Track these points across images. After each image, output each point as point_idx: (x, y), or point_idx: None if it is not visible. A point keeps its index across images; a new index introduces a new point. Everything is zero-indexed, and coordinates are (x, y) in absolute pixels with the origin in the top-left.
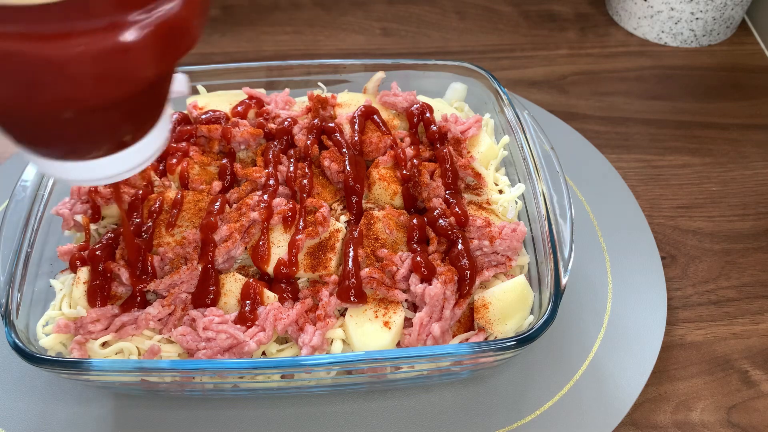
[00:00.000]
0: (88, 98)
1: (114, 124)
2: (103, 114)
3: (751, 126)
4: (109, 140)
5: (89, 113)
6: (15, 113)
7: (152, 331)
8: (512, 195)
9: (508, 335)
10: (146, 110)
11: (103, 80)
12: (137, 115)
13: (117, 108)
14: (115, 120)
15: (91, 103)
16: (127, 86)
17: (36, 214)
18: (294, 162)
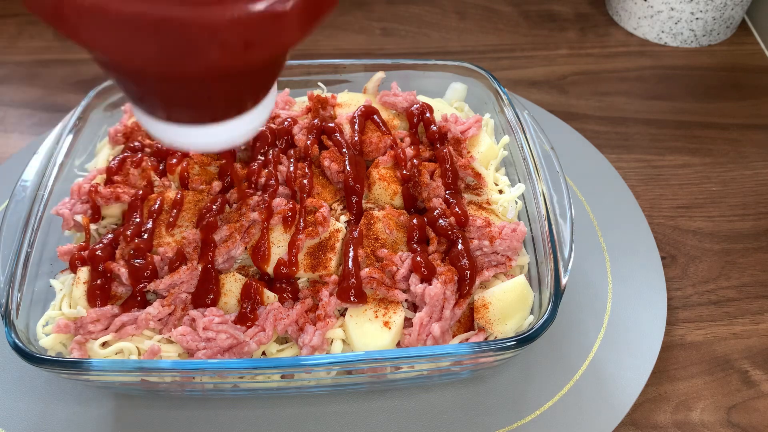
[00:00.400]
0: (235, 63)
1: (246, 88)
2: (240, 78)
3: (751, 126)
4: (237, 104)
5: (230, 77)
6: (162, 77)
7: (152, 331)
8: (512, 195)
9: (508, 335)
10: (273, 75)
11: (252, 46)
12: (267, 79)
13: (255, 72)
14: (248, 84)
15: (238, 67)
16: (273, 51)
17: (36, 214)
18: (294, 162)
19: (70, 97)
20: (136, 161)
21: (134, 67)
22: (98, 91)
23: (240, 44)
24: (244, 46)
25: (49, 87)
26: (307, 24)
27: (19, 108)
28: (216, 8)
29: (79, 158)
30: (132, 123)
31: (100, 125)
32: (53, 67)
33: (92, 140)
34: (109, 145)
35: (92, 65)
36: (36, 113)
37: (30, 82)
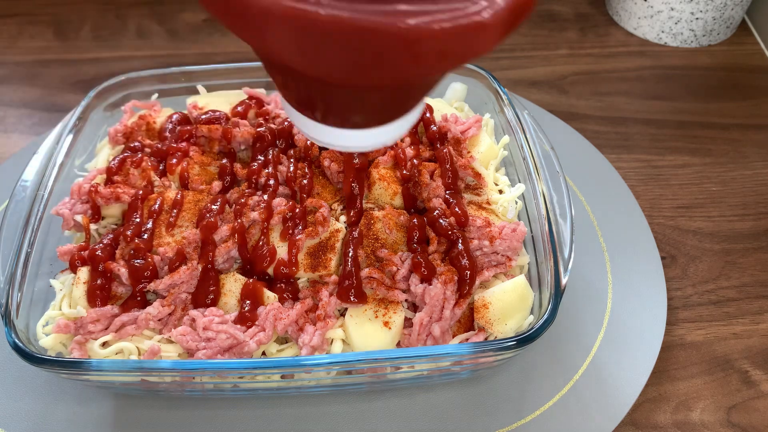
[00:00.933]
0: (424, 73)
1: (419, 92)
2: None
3: (751, 126)
4: (401, 108)
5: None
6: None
7: (152, 331)
8: (512, 195)
9: (508, 335)
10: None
11: (445, 56)
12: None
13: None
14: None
15: (422, 76)
16: (464, 61)
17: (36, 214)
18: (294, 162)
19: (70, 97)
20: (136, 161)
21: (317, 75)
22: (98, 91)
23: (434, 55)
24: (437, 57)
25: (49, 87)
26: (504, 33)
27: (19, 108)
28: (418, 20)
29: (79, 158)
30: (132, 123)
31: (100, 125)
32: (53, 67)
33: (92, 140)
34: (109, 145)
35: (92, 65)
36: (36, 113)
37: (30, 82)
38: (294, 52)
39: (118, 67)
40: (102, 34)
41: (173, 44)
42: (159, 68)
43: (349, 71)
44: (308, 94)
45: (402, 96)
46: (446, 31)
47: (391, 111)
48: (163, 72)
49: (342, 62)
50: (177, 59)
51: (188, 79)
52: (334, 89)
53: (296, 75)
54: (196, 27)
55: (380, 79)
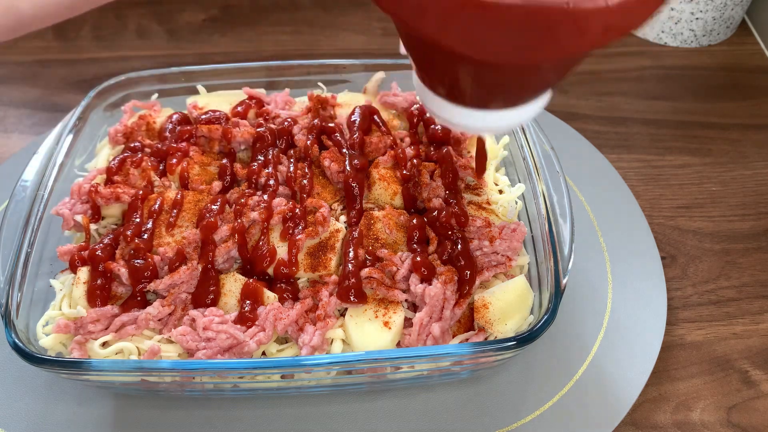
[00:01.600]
0: (589, 48)
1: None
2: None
3: (751, 126)
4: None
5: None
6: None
7: (152, 331)
8: (512, 195)
9: (508, 335)
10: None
11: (610, 30)
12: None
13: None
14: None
15: (585, 51)
16: (626, 33)
17: (36, 214)
18: (294, 162)
19: (70, 97)
20: (136, 161)
21: (485, 58)
22: (98, 91)
23: (600, 29)
24: (603, 30)
25: (49, 87)
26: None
27: (19, 108)
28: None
29: (79, 158)
30: (132, 123)
31: (100, 125)
32: (53, 67)
33: (92, 140)
34: (109, 145)
35: (92, 65)
36: (36, 113)
37: (30, 82)
38: (464, 38)
39: (118, 67)
40: (102, 34)
41: (173, 44)
42: (159, 68)
43: (517, 52)
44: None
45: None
46: (613, 7)
47: (539, 88)
48: (163, 72)
49: (511, 44)
50: (177, 59)
51: (188, 79)
52: (492, 70)
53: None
54: (196, 27)
55: (546, 56)
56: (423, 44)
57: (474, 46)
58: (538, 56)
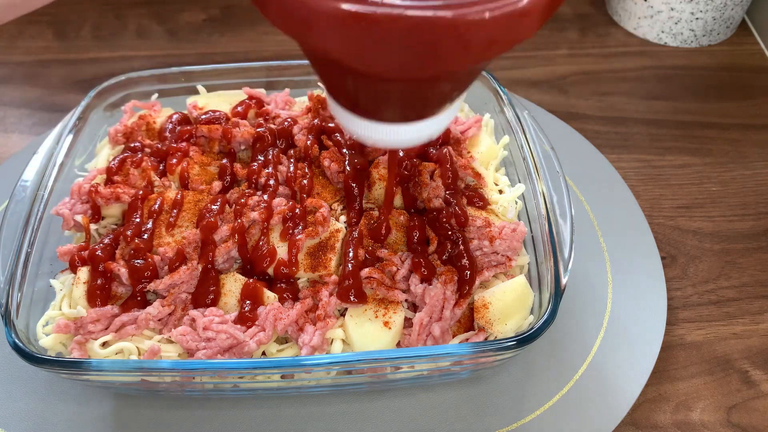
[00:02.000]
0: (474, 62)
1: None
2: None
3: (751, 126)
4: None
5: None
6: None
7: (152, 331)
8: (512, 195)
9: (508, 335)
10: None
11: (494, 44)
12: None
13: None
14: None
15: (470, 65)
16: (510, 47)
17: (36, 214)
18: (294, 162)
19: (70, 97)
20: (136, 161)
21: (373, 71)
22: (98, 91)
23: (482, 43)
24: (486, 44)
25: (49, 87)
26: (543, 17)
27: (19, 108)
28: (468, 10)
29: (79, 158)
30: (132, 123)
31: (100, 125)
32: (53, 67)
33: (92, 140)
34: (109, 145)
35: (92, 65)
36: (36, 113)
37: (30, 82)
38: (350, 51)
39: (118, 67)
40: (102, 34)
41: (173, 44)
42: (159, 68)
43: (403, 65)
44: (360, 91)
45: (450, 86)
46: (494, 20)
47: (439, 102)
48: (163, 72)
49: (397, 57)
50: (177, 59)
51: (188, 79)
52: (387, 84)
53: (350, 73)
54: (196, 27)
55: (433, 70)
56: (317, 57)
57: (359, 59)
58: (426, 70)
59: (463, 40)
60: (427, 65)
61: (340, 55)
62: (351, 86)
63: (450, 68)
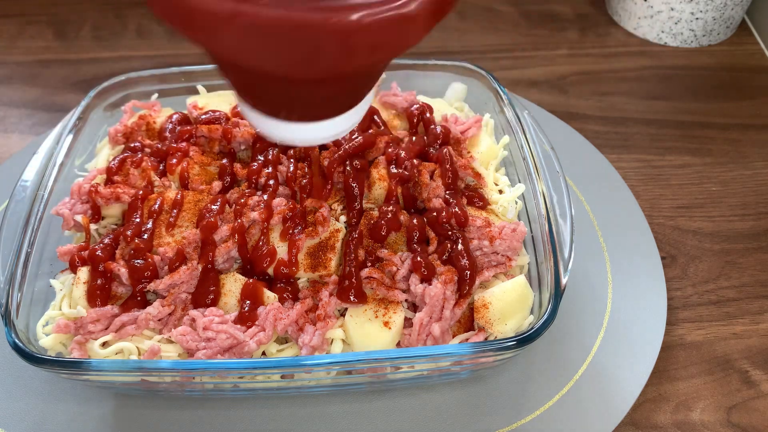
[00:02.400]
0: (360, 65)
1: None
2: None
3: (751, 126)
4: (343, 103)
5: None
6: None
7: (152, 331)
8: (512, 195)
9: (508, 335)
10: (378, 76)
11: (378, 48)
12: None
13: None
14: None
15: (357, 68)
16: (396, 52)
17: (36, 214)
18: (294, 162)
19: (70, 97)
20: (136, 161)
21: (261, 70)
22: (98, 91)
23: (367, 48)
24: (370, 49)
25: (49, 87)
26: (429, 24)
27: (19, 108)
28: (348, 14)
29: (79, 158)
30: (132, 123)
31: (100, 125)
32: (53, 67)
33: (92, 140)
34: (109, 145)
35: (92, 65)
36: (36, 113)
37: (30, 82)
38: (239, 49)
39: (118, 67)
40: (102, 34)
41: (173, 44)
42: (159, 68)
43: (290, 65)
44: (261, 90)
45: (351, 86)
46: (375, 24)
47: (344, 102)
48: (163, 72)
49: (283, 57)
50: (177, 59)
51: (188, 79)
52: (283, 83)
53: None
54: None
55: (322, 71)
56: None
57: (242, 56)
58: (315, 71)
59: (346, 44)
60: (314, 66)
61: (221, 52)
62: (247, 82)
63: (339, 70)
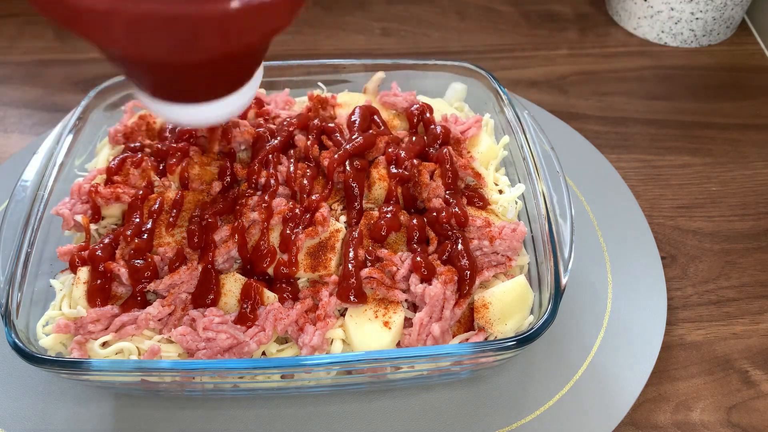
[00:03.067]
0: (234, 48)
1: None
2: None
3: (751, 126)
4: (230, 83)
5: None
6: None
7: (152, 331)
8: (512, 195)
9: (508, 335)
10: (258, 59)
11: (248, 32)
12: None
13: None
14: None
15: (235, 51)
16: (266, 35)
17: (36, 214)
18: (294, 162)
19: (70, 97)
20: (136, 161)
21: (144, 59)
22: (98, 91)
23: (239, 31)
24: (242, 32)
25: (49, 87)
26: (293, 8)
27: (19, 108)
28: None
29: (79, 158)
30: (132, 123)
31: (100, 125)
32: (53, 67)
33: (92, 140)
34: (109, 145)
35: (92, 65)
36: (36, 113)
37: (30, 82)
38: (121, 41)
39: None
40: None
41: None
42: None
43: (170, 52)
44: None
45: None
46: (244, 10)
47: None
48: None
49: (163, 45)
50: None
51: None
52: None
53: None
54: None
55: (202, 54)
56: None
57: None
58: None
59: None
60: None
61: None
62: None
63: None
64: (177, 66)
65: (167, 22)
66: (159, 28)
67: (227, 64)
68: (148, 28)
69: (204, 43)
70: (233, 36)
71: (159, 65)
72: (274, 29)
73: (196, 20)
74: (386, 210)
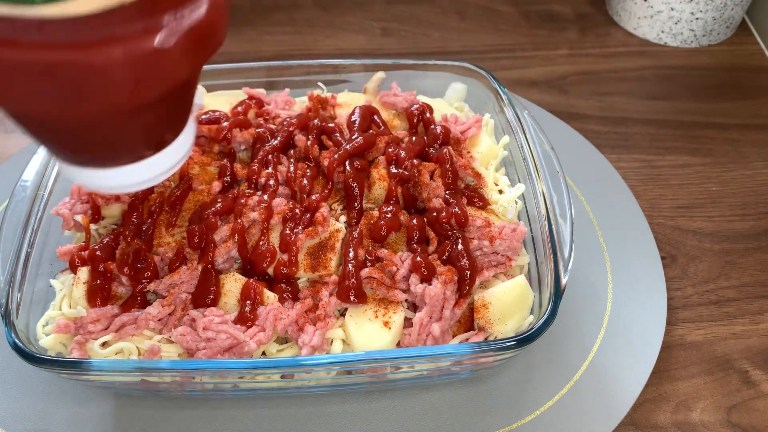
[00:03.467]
0: (127, 101)
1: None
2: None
3: (751, 126)
4: (141, 145)
5: (126, 117)
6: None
7: (152, 331)
8: (512, 195)
9: (508, 335)
10: (176, 114)
11: (142, 82)
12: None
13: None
14: (148, 124)
15: (129, 105)
16: (164, 86)
17: (36, 214)
18: (294, 162)
19: None
20: None
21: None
22: None
23: (130, 82)
24: (134, 83)
25: None
26: (193, 60)
27: None
28: (101, 50)
29: None
30: None
31: None
32: None
33: None
34: None
35: None
36: None
37: None
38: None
39: None
40: None
41: None
42: None
43: (58, 106)
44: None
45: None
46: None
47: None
48: None
49: (46, 99)
50: None
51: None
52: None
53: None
54: None
55: (90, 109)
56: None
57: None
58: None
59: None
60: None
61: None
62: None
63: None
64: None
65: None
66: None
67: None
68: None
69: (92, 97)
70: (126, 88)
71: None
72: (170, 81)
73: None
74: (386, 210)
